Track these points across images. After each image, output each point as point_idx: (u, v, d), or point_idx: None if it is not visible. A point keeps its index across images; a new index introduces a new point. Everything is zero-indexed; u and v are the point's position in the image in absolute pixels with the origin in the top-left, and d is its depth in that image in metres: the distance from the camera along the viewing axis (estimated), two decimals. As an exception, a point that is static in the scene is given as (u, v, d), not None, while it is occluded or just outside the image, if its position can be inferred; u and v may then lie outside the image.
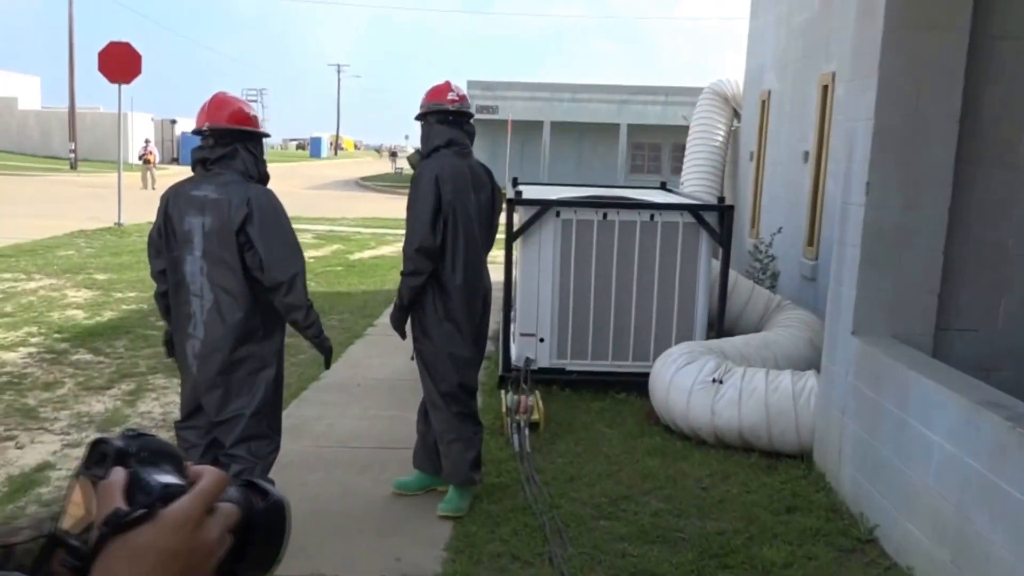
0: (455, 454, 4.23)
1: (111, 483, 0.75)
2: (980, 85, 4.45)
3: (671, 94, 34.05)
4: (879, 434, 4.10)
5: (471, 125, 4.33)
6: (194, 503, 0.75)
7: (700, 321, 6.55)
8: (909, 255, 4.43)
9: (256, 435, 3.62)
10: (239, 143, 3.54)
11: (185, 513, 0.74)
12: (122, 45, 15.38)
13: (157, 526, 0.73)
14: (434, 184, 4.07)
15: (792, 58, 9.12)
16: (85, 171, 33.47)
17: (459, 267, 4.14)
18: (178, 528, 0.73)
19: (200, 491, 0.76)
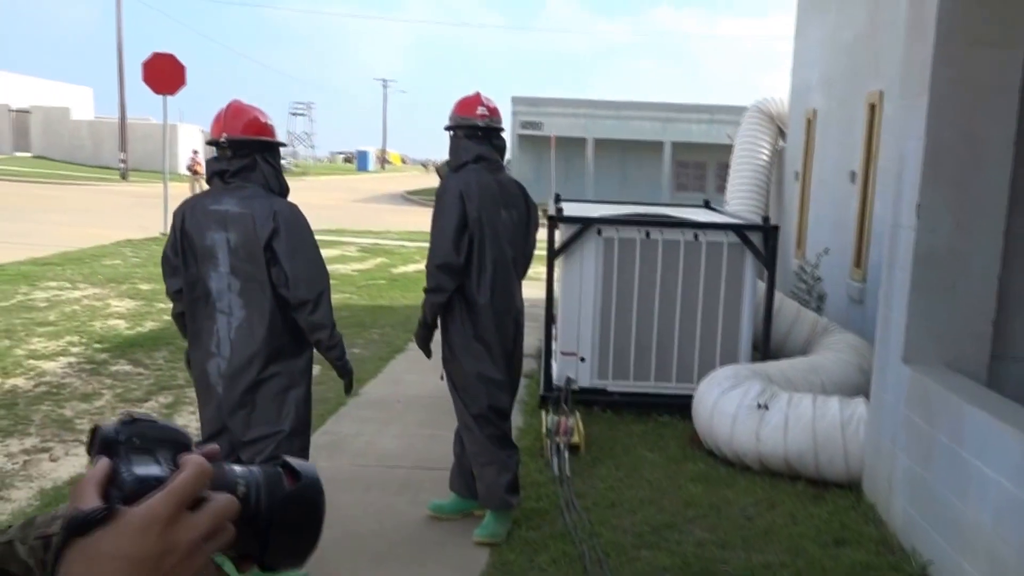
0: (489, 478, 4.16)
1: (85, 478, 0.69)
2: (1038, 104, 4.30)
3: (716, 112, 33.86)
4: (932, 467, 3.95)
5: (501, 139, 4.24)
6: (164, 501, 0.67)
7: (745, 343, 6.43)
8: (963, 280, 4.28)
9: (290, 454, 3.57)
10: (258, 154, 3.44)
11: (151, 513, 0.67)
12: (166, 57, 15.50)
13: (118, 529, 0.66)
14: (459, 200, 3.99)
15: (838, 76, 8.97)
16: (135, 181, 34.01)
17: (486, 285, 4.05)
18: (144, 530, 0.66)
19: (171, 488, 0.68)
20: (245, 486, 0.73)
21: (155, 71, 15.35)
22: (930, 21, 4.25)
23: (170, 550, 0.67)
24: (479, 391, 4.12)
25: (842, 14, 9.06)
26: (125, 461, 0.70)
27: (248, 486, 0.73)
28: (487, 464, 4.16)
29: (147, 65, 15.37)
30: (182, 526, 0.68)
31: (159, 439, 0.72)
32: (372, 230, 20.90)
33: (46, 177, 32.90)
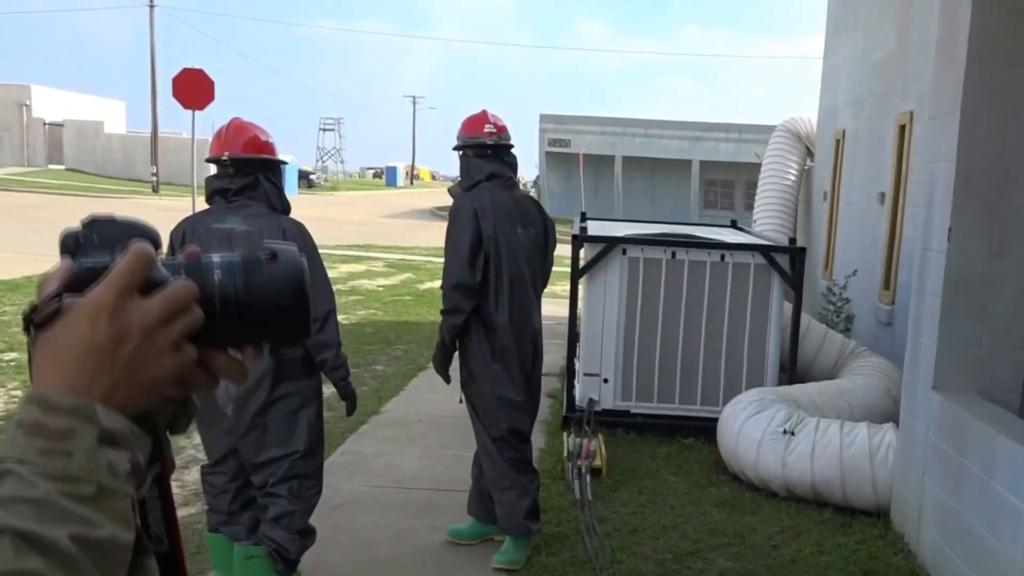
0: (509, 503, 4.09)
1: (46, 276, 0.70)
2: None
3: (744, 131, 33.73)
4: (963, 499, 3.83)
5: (512, 156, 4.18)
6: (106, 287, 0.67)
7: (771, 366, 6.33)
8: (995, 306, 4.17)
9: (301, 475, 3.48)
10: (260, 172, 3.41)
11: (96, 300, 0.67)
12: (196, 72, 15.64)
13: (69, 318, 0.67)
14: (473, 218, 3.92)
15: (868, 96, 8.88)
16: (166, 194, 34.13)
17: (504, 305, 3.98)
18: (92, 317, 0.66)
19: (113, 274, 0.67)
20: (221, 273, 0.72)
21: (185, 86, 15.52)
22: (962, 41, 4.18)
23: (123, 335, 0.67)
24: (499, 414, 4.05)
25: (871, 35, 8.98)
26: (82, 256, 0.70)
27: (224, 273, 0.72)
28: (507, 489, 4.09)
29: (177, 80, 15.55)
30: (132, 311, 0.67)
31: (120, 234, 0.71)
32: (400, 245, 20.99)
33: (78, 190, 33.23)
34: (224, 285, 0.72)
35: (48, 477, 0.62)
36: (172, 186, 37.86)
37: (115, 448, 0.65)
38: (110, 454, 0.65)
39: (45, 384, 0.66)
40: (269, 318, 0.74)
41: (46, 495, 0.62)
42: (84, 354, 0.66)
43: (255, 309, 0.73)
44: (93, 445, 0.64)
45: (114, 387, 0.67)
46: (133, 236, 0.71)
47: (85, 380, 0.66)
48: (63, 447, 0.64)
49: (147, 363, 0.68)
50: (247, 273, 0.73)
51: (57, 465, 0.63)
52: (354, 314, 11.18)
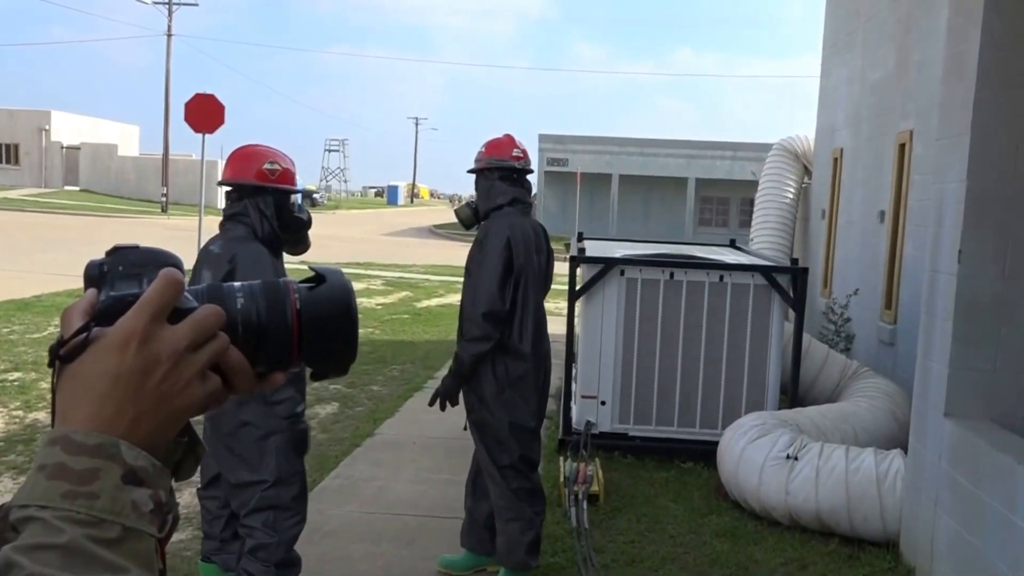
0: (512, 535, 3.93)
1: (70, 307, 0.69)
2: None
3: (739, 149, 33.98)
4: (982, 533, 3.68)
5: (529, 182, 4.19)
6: (136, 316, 0.66)
7: (772, 388, 6.20)
8: (1009, 330, 4.04)
9: (275, 506, 3.32)
10: (248, 198, 3.40)
11: (126, 329, 0.66)
12: (207, 97, 16.08)
13: (97, 349, 0.66)
14: (506, 246, 3.85)
15: (866, 116, 8.82)
16: (175, 214, 35.15)
17: (528, 332, 3.91)
18: (122, 347, 0.66)
19: (142, 302, 0.67)
20: (244, 298, 0.72)
21: (196, 110, 15.94)
22: (971, 62, 4.08)
23: (153, 363, 0.66)
24: (511, 441, 3.93)
25: (868, 54, 8.93)
26: (108, 288, 0.70)
27: (246, 298, 0.73)
28: (512, 520, 3.94)
29: (189, 105, 15.98)
30: (161, 338, 0.67)
31: (145, 263, 0.71)
32: (398, 263, 20.92)
33: (91, 210, 34.18)
34: (246, 310, 0.72)
35: (73, 522, 0.61)
36: (181, 206, 39.00)
37: (139, 486, 0.64)
38: (134, 493, 0.64)
39: (69, 420, 0.65)
40: (317, 344, 0.74)
41: (72, 540, 0.60)
42: (113, 384, 0.65)
43: (281, 334, 0.72)
44: (118, 484, 0.63)
45: (140, 418, 0.66)
46: (157, 264, 0.70)
47: (111, 412, 0.65)
48: (87, 489, 0.62)
49: (174, 391, 0.67)
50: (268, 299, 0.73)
51: (81, 508, 0.62)
52: (352, 333, 11.10)
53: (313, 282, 0.75)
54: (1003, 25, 4.00)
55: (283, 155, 3.50)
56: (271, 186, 3.40)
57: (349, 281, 0.76)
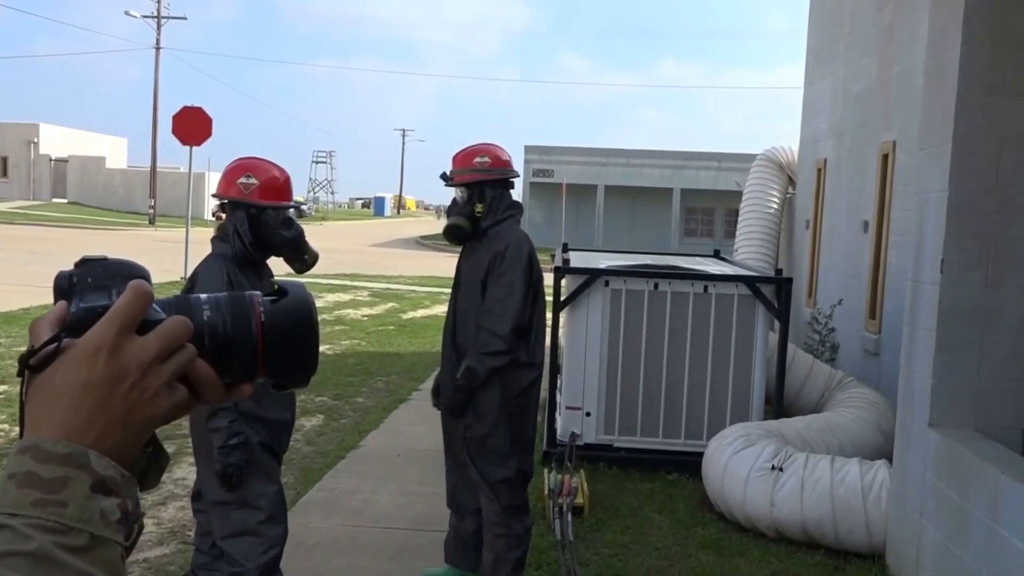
0: (500, 551, 3.86)
1: (39, 319, 0.70)
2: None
3: (723, 160, 34.18)
4: (966, 544, 3.66)
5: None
6: (106, 326, 0.68)
7: (757, 399, 6.19)
8: (992, 339, 4.04)
9: (242, 531, 3.16)
10: (232, 212, 3.31)
11: (96, 339, 0.67)
12: (195, 110, 16.10)
13: (67, 359, 0.67)
14: (529, 259, 3.82)
15: (849, 126, 8.86)
16: (162, 226, 35.09)
17: (539, 345, 3.91)
18: (91, 357, 0.67)
19: (112, 313, 0.68)
20: (210, 310, 0.74)
21: (184, 123, 16.01)
22: (952, 70, 4.09)
23: (121, 374, 0.67)
24: (511, 454, 3.87)
25: (851, 65, 8.98)
26: (78, 299, 0.70)
27: (213, 310, 0.74)
28: (501, 536, 3.87)
29: (177, 118, 16.02)
30: (130, 349, 0.68)
31: (113, 274, 0.72)
32: (385, 274, 20.85)
33: (79, 222, 34.14)
34: (213, 321, 0.73)
35: (42, 529, 0.62)
36: (169, 218, 39.00)
37: (107, 495, 0.65)
38: (103, 502, 0.64)
39: (39, 430, 0.66)
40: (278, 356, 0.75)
41: (41, 547, 0.61)
42: (82, 394, 0.66)
43: (246, 346, 0.74)
44: (87, 493, 0.64)
45: (109, 428, 0.67)
46: (126, 276, 0.71)
47: (81, 422, 0.66)
48: (57, 497, 0.63)
49: (142, 401, 0.68)
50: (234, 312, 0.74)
51: (51, 516, 0.62)
52: (338, 344, 11.07)
53: (276, 296, 0.77)
54: (983, 35, 4.01)
55: (267, 168, 3.35)
56: (243, 201, 3.28)
57: (311, 295, 0.78)
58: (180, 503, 5.15)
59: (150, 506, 5.07)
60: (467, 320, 3.89)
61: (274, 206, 3.30)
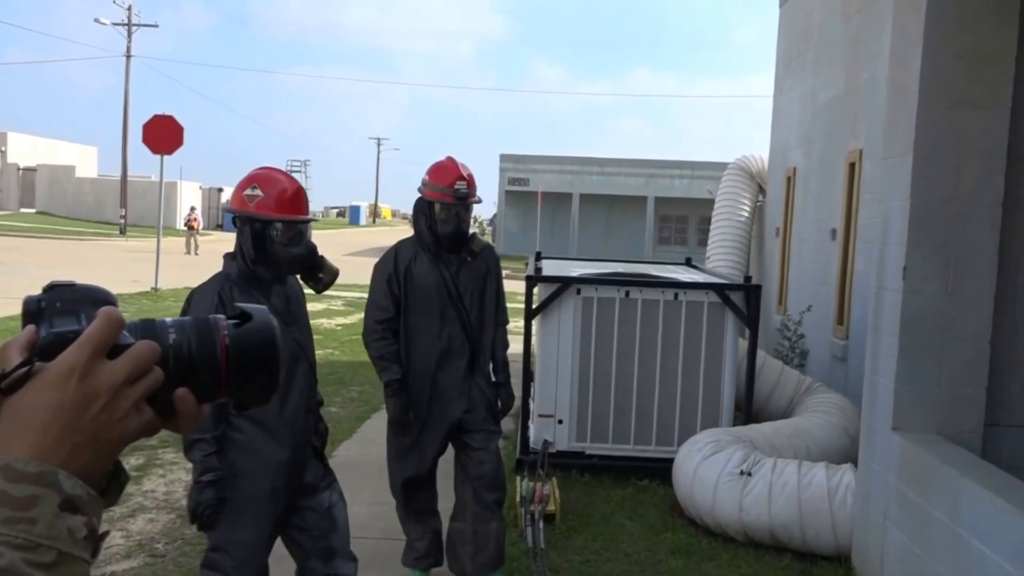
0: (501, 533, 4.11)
1: (8, 343, 0.72)
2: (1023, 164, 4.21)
3: (696, 168, 34.46)
4: (928, 545, 3.73)
5: None
6: (77, 351, 0.70)
7: (727, 405, 6.25)
8: (952, 345, 4.13)
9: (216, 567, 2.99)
10: (238, 228, 3.11)
11: (67, 363, 0.69)
12: (166, 118, 15.98)
13: (38, 382, 0.69)
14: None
15: (818, 135, 8.98)
16: (133, 236, 34.72)
17: None
18: (62, 381, 0.69)
19: (84, 338, 0.71)
20: (176, 333, 0.76)
21: (154, 132, 15.89)
22: (913, 83, 4.18)
23: (91, 397, 0.69)
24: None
25: (820, 75, 9.11)
26: (47, 324, 0.73)
27: (178, 333, 0.76)
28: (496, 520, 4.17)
29: (147, 127, 15.88)
30: (100, 372, 0.70)
31: (81, 299, 0.74)
32: (360, 283, 20.76)
33: (47, 232, 33.75)
34: (178, 344, 0.76)
35: (11, 546, 0.63)
36: (140, 228, 38.66)
37: (75, 514, 0.67)
38: (70, 520, 0.66)
39: (10, 449, 0.67)
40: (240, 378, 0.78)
41: (10, 564, 0.63)
42: (53, 416, 0.68)
43: (210, 368, 0.76)
44: (55, 511, 0.66)
45: (78, 448, 0.69)
46: (94, 301, 0.74)
47: (51, 442, 0.68)
48: (26, 515, 0.65)
49: (111, 423, 0.70)
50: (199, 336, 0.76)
51: (20, 533, 0.64)
52: (310, 354, 11.00)
53: (240, 319, 0.80)
54: (943, 47, 4.10)
55: (276, 179, 3.09)
56: (245, 214, 3.05)
57: (273, 319, 0.81)
58: (149, 515, 5.11)
59: (118, 518, 5.03)
60: (482, 328, 4.07)
61: (280, 220, 3.03)
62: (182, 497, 5.48)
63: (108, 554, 4.54)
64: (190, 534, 4.84)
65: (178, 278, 17.29)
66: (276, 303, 3.07)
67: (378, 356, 4.00)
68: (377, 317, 4.00)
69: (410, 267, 3.99)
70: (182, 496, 5.50)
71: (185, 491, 5.59)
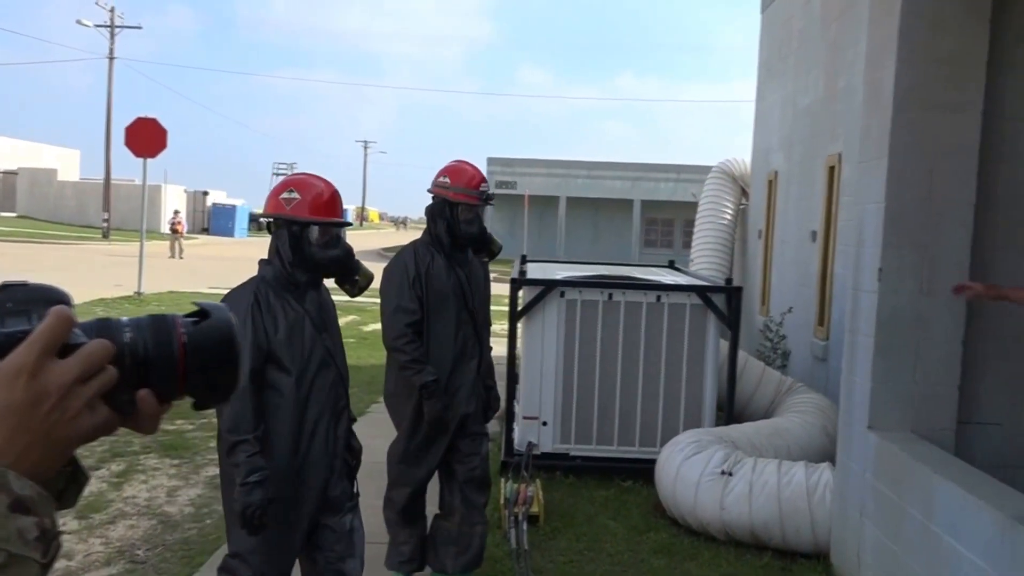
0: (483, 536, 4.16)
1: None
2: (995, 166, 4.29)
3: (682, 171, 34.62)
4: (903, 541, 3.80)
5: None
6: (27, 350, 0.69)
7: (709, 406, 6.31)
8: (926, 345, 4.20)
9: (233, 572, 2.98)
10: (276, 232, 3.06)
11: (16, 363, 0.69)
12: (149, 121, 15.81)
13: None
14: None
15: (799, 139, 9.08)
16: (116, 240, 34.46)
17: None
18: (12, 380, 0.69)
19: (33, 337, 0.70)
20: (132, 332, 0.76)
21: (137, 135, 15.73)
22: (887, 88, 4.25)
23: (41, 396, 0.69)
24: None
25: (800, 80, 9.21)
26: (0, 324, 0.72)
27: (134, 331, 0.76)
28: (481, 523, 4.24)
29: (130, 129, 15.73)
30: (51, 372, 0.70)
31: (33, 299, 0.74)
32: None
33: (29, 236, 33.34)
34: (134, 343, 0.75)
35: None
36: (124, 232, 38.36)
37: (25, 514, 0.66)
38: (20, 521, 0.66)
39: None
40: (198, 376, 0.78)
41: None
42: (3, 416, 0.68)
43: (167, 366, 0.76)
44: (5, 512, 0.65)
45: (29, 448, 0.68)
46: (46, 301, 0.73)
47: (1, 443, 0.67)
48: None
49: (62, 422, 0.70)
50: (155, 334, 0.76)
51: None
52: (295, 358, 10.98)
53: (198, 317, 0.80)
54: (916, 53, 4.18)
55: (313, 183, 3.08)
56: (282, 217, 3.02)
57: (233, 317, 0.81)
58: (129, 521, 5.11)
59: (98, 524, 5.03)
60: (486, 329, 4.19)
61: (318, 222, 3.02)
62: (164, 503, 5.48)
63: (87, 561, 4.54)
64: (171, 540, 4.85)
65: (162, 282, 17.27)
66: (310, 308, 3.05)
67: (411, 359, 3.93)
68: (406, 320, 3.93)
69: (428, 270, 3.97)
70: (164, 502, 5.50)
71: (167, 497, 5.59)
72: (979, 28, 4.16)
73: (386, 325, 4.00)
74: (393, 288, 3.99)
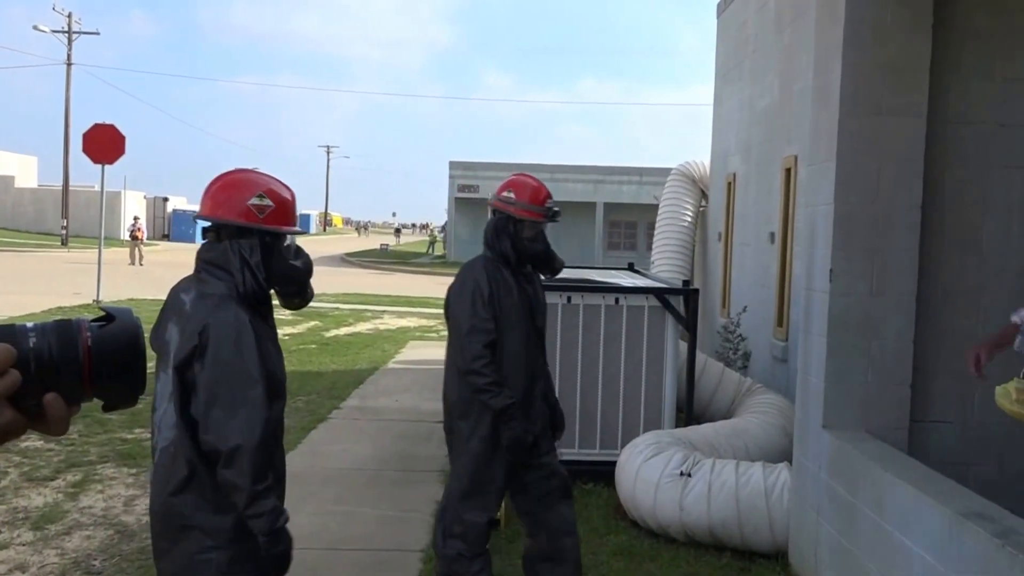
0: None
1: None
2: (941, 169, 4.38)
3: (645, 174, 34.92)
4: (856, 539, 3.85)
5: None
6: None
7: (668, 407, 6.35)
8: (878, 344, 4.27)
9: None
10: (230, 241, 2.63)
11: None
12: (107, 127, 15.69)
13: None
14: None
15: (756, 142, 9.19)
16: (75, 247, 34.08)
17: None
18: None
19: None
20: (36, 337, 0.77)
21: (95, 141, 15.59)
22: (834, 92, 4.32)
23: None
24: None
25: (756, 83, 9.32)
26: None
27: (38, 336, 0.78)
28: None
29: (87, 136, 15.59)
30: None
31: None
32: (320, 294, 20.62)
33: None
34: (39, 347, 0.76)
35: None
36: (82, 239, 37.89)
37: None
38: None
39: None
40: (106, 379, 0.79)
41: None
42: None
43: (73, 369, 0.77)
44: None
45: None
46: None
47: None
48: None
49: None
50: (60, 338, 0.77)
51: None
52: (256, 364, 10.88)
53: (104, 321, 0.81)
54: (861, 58, 4.26)
55: (280, 184, 2.74)
56: (257, 227, 2.63)
57: (138, 319, 0.83)
58: (86, 532, 5.02)
59: (53, 536, 4.94)
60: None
61: (292, 231, 2.74)
62: (121, 512, 5.40)
63: (42, 573, 4.45)
64: (128, 550, 4.77)
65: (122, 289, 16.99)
66: (271, 323, 2.78)
67: (490, 382, 3.67)
68: (484, 340, 3.67)
69: (500, 288, 3.78)
70: (121, 512, 5.42)
71: (124, 507, 5.50)
72: (922, 34, 4.25)
73: (463, 347, 3.73)
74: (466, 308, 3.74)
